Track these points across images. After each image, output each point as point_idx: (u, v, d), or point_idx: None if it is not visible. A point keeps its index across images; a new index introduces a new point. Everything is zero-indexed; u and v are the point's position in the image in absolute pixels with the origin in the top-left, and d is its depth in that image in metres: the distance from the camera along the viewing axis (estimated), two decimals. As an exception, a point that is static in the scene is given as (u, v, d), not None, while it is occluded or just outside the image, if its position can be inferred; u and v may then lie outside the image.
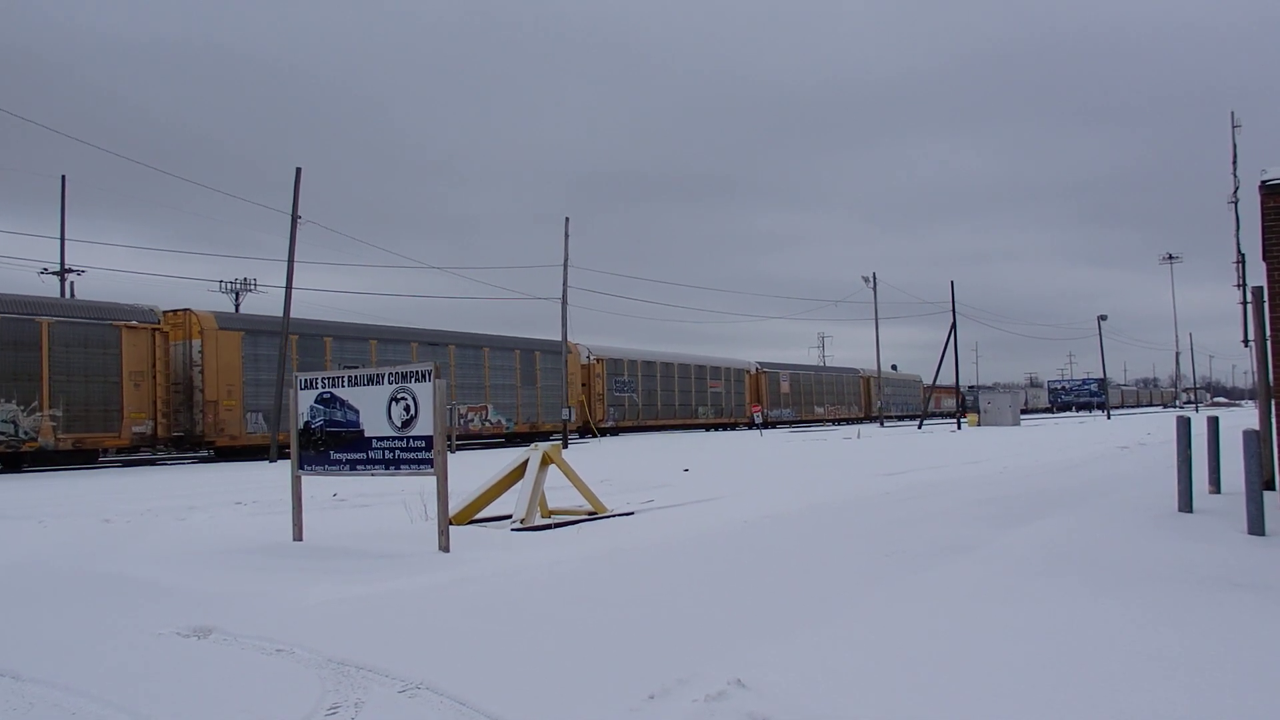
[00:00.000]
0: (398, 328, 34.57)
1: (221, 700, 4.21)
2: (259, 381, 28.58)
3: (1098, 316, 72.45)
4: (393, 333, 33.83)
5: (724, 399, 56.28)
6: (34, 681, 4.55)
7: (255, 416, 28.47)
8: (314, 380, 9.36)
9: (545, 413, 39.52)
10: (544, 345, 40.28)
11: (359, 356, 31.32)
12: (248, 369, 28.42)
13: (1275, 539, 7.98)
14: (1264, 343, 10.92)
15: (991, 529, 8.96)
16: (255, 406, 28.54)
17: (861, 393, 74.25)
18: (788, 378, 63.71)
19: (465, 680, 4.35)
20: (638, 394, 48.01)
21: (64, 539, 9.70)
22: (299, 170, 28.54)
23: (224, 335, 27.99)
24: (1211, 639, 4.82)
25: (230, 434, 27.86)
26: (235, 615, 5.86)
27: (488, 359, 36.92)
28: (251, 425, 28.46)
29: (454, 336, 36.17)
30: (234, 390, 27.94)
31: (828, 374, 71.55)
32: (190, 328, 27.45)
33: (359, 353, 31.54)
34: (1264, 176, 10.04)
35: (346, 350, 31.35)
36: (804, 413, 64.62)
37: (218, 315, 28.66)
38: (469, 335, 37.04)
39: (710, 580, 6.79)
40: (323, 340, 30.76)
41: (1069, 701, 3.88)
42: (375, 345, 32.06)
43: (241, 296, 54.53)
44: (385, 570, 7.36)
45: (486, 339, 37.77)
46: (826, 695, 4.03)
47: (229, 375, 27.82)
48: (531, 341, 39.93)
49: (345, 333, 31.96)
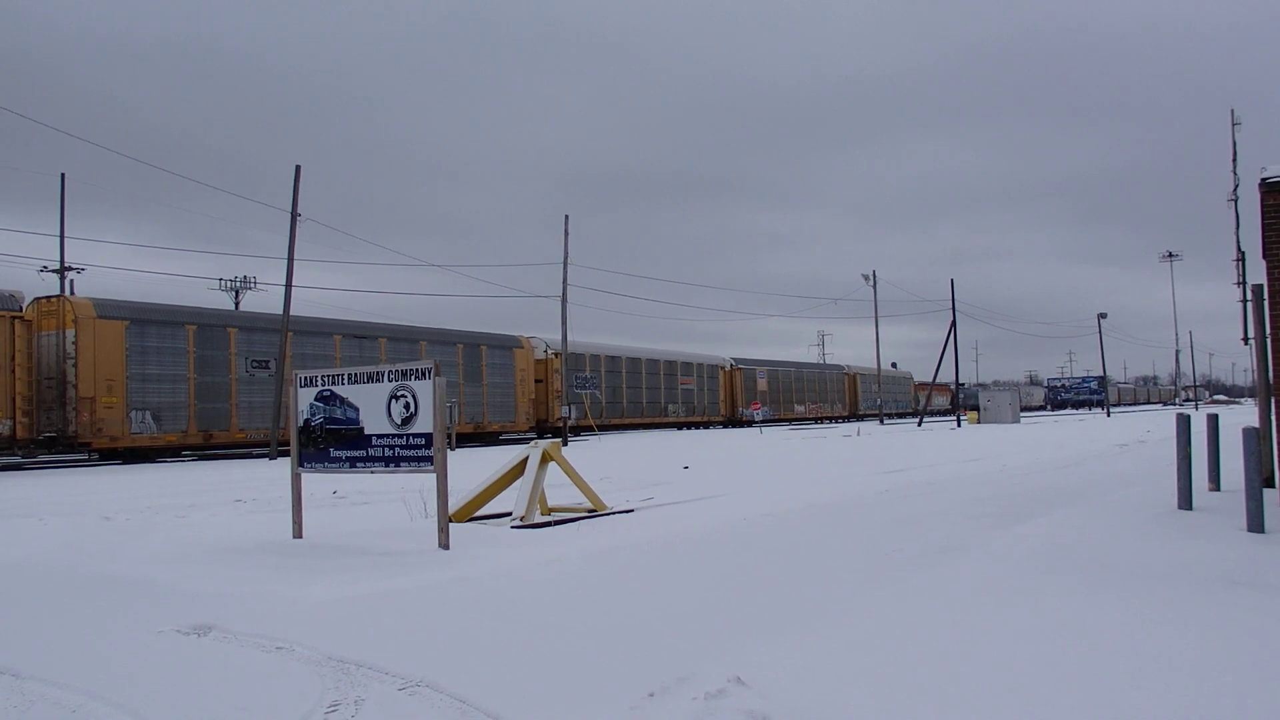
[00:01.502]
0: (316, 319, 32.39)
1: (221, 698, 4.21)
2: (148, 377, 25.92)
3: (1097, 314, 72.60)
4: (311, 324, 31.51)
5: (696, 396, 53.55)
6: (33, 679, 4.55)
7: (142, 415, 25.70)
8: (314, 378, 9.37)
9: (492, 411, 37.17)
10: (491, 339, 38.25)
11: (269, 349, 29.02)
12: (133, 362, 25.61)
13: (1275, 536, 7.98)
14: (1264, 340, 10.92)
15: (991, 527, 8.96)
16: (143, 404, 25.75)
17: (846, 390, 72.03)
18: (765, 374, 60.94)
19: (465, 678, 4.35)
20: (601, 391, 44.90)
21: (64, 537, 9.71)
22: (298, 168, 28.54)
23: (103, 325, 25.03)
24: (1211, 637, 4.82)
25: (110, 434, 24.98)
26: (235, 613, 5.86)
27: (424, 353, 34.24)
28: (137, 425, 25.61)
29: (384, 329, 34.05)
30: (115, 386, 25.07)
31: (809, 371, 68.46)
32: (64, 316, 24.56)
33: (269, 345, 29.11)
34: (1264, 174, 10.02)
35: (254, 343, 28.96)
36: (783, 411, 61.47)
37: (97, 302, 25.54)
38: (403, 328, 35.03)
39: (710, 578, 6.79)
40: (227, 331, 28.30)
41: (1068, 700, 3.88)
42: (291, 338, 29.39)
43: (242, 294, 54.58)
44: (385, 568, 7.36)
45: (423, 331, 35.59)
46: (825, 694, 4.03)
47: (109, 369, 24.98)
48: (477, 335, 37.74)
49: (255, 324, 29.62)
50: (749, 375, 59.15)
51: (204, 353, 27.67)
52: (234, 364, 28.43)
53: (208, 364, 27.74)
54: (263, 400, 28.84)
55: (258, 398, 28.88)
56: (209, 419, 27.64)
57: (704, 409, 54.22)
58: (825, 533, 9.00)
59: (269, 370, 28.94)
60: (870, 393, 72.67)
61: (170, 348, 26.69)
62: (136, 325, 25.94)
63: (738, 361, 58.72)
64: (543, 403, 41.25)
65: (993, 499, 11.59)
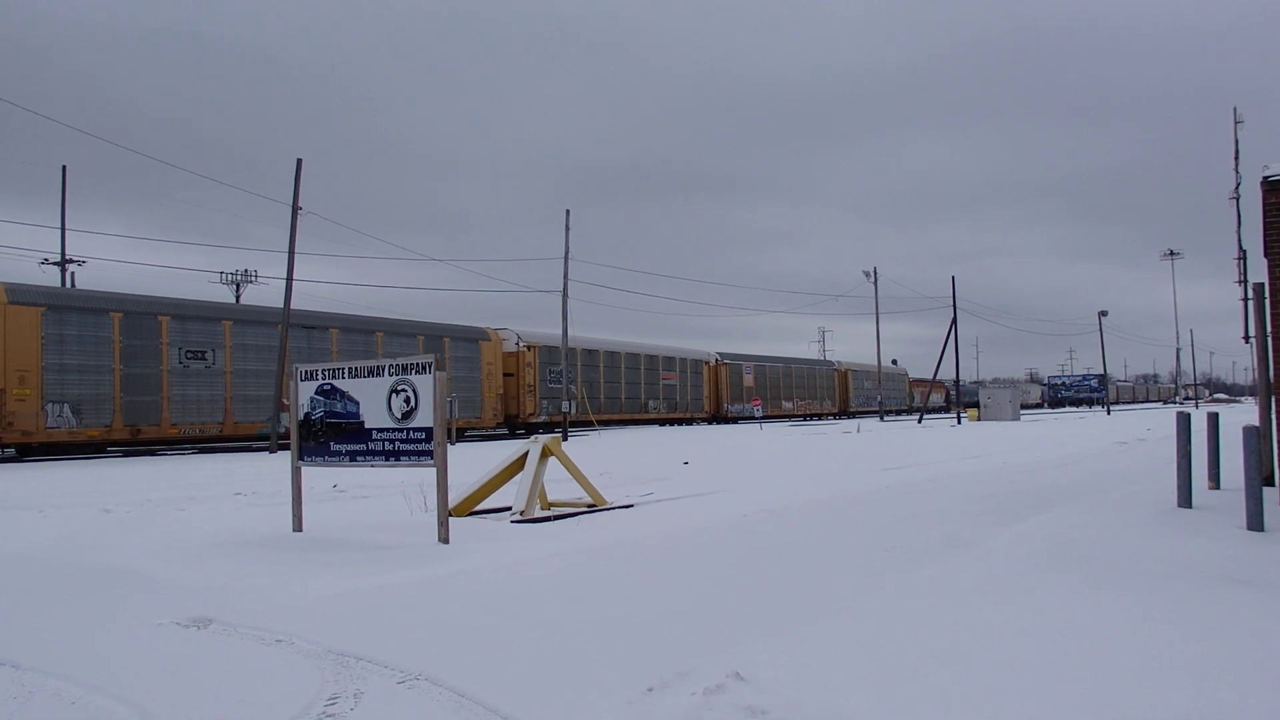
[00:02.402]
0: (261, 308, 30.76)
1: (220, 690, 4.22)
2: (66, 367, 24.28)
3: (1098, 312, 72.60)
4: (255, 314, 29.84)
5: (679, 392, 51.19)
6: (33, 671, 4.55)
7: (60, 408, 24.07)
8: (314, 371, 9.37)
9: (456, 406, 34.80)
10: (455, 331, 36.36)
11: (206, 339, 27.61)
12: (50, 352, 23.96)
13: (1274, 535, 7.98)
14: (1265, 339, 10.91)
15: (991, 524, 8.96)
16: (60, 397, 24.07)
17: (836, 387, 69.73)
18: (751, 369, 58.43)
19: (464, 672, 4.35)
20: (577, 385, 42.13)
21: (64, 529, 9.72)
22: (299, 162, 28.50)
23: (15, 311, 23.37)
24: (1212, 635, 4.81)
25: (22, 429, 23.41)
26: (234, 606, 5.86)
27: (380, 345, 32.72)
28: (54, 419, 23.97)
29: (337, 319, 32.47)
30: (28, 377, 23.45)
31: (798, 366, 65.63)
32: None
33: (206, 335, 27.67)
34: (1266, 172, 10.01)
35: (189, 332, 27.24)
36: (770, 408, 58.40)
37: (9, 287, 23.86)
38: (358, 318, 33.71)
39: (709, 574, 6.79)
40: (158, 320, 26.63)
41: (1068, 697, 3.88)
42: (229, 327, 28.25)
43: (242, 288, 54.57)
44: (385, 562, 7.37)
45: (381, 322, 34.03)
46: (824, 689, 4.03)
47: (22, 359, 23.34)
48: (439, 327, 35.94)
49: (189, 312, 27.72)
50: (735, 370, 56.90)
51: (131, 342, 25.84)
52: (165, 354, 26.66)
53: (135, 354, 25.98)
54: (199, 394, 27.33)
55: (193, 391, 27.19)
56: (136, 413, 25.86)
57: (687, 405, 52.02)
58: (825, 529, 9.00)
59: (205, 361, 27.49)
60: (863, 389, 71.34)
61: (93, 336, 24.93)
62: (54, 312, 24.27)
63: (723, 356, 56.37)
64: (513, 398, 38.99)
65: (993, 496, 11.59)
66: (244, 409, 28.58)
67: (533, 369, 39.48)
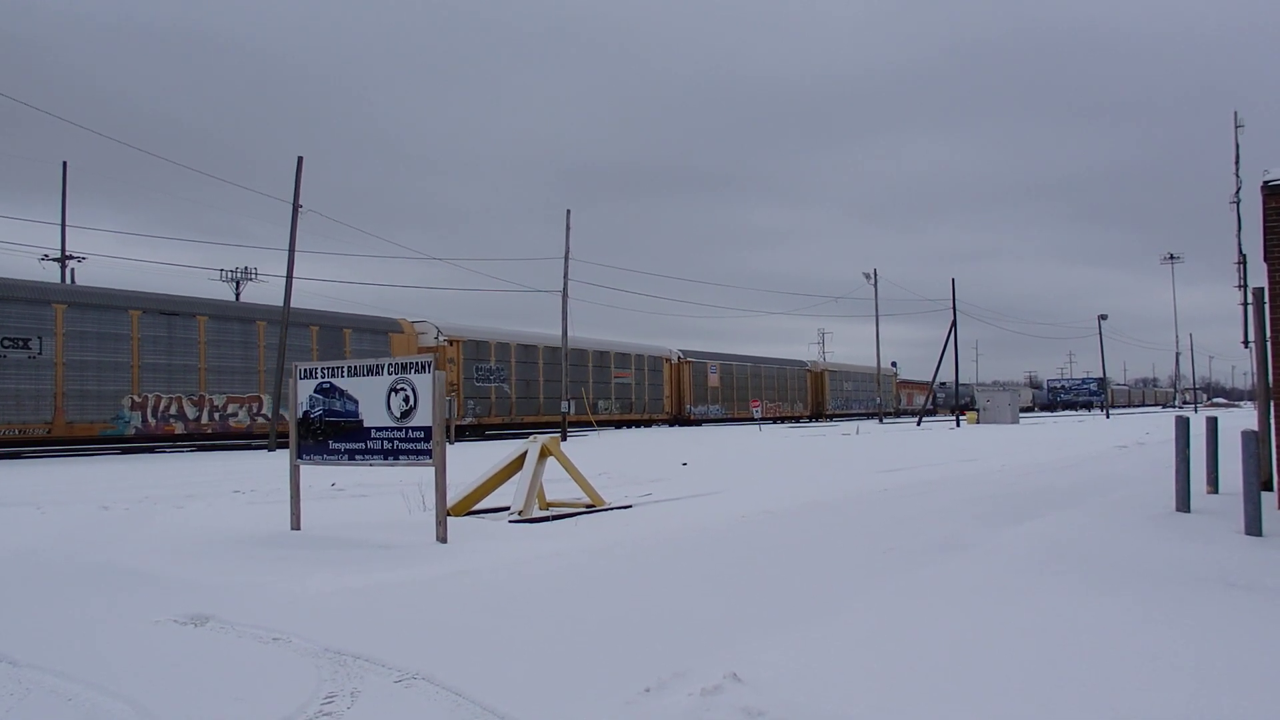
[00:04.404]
0: (108, 290, 26.57)
1: (217, 687, 4.21)
2: None
3: (1098, 316, 72.59)
4: (102, 296, 25.85)
5: (634, 391, 47.16)
6: (30, 667, 4.54)
7: None
8: (313, 370, 9.37)
9: None
10: (359, 322, 33.16)
11: (28, 324, 23.97)
12: None
13: (1272, 539, 7.98)
14: (1264, 344, 10.91)
15: (989, 527, 8.97)
16: None
17: (809, 388, 66.49)
18: (717, 369, 55.08)
19: (461, 671, 4.35)
20: (509, 384, 38.35)
21: (63, 527, 9.71)
22: (300, 159, 28.50)
23: None
24: (1211, 638, 4.82)
25: None
26: (232, 604, 5.86)
27: (263, 335, 29.16)
28: None
29: (207, 305, 28.85)
30: None
31: (767, 366, 61.87)
32: None
33: (28, 318, 24.07)
34: (1266, 177, 10.01)
35: (5, 315, 23.49)
36: (735, 410, 55.78)
37: None
38: (234, 305, 30.87)
39: (707, 575, 6.79)
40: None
41: (1067, 698, 3.88)
42: (63, 311, 24.80)
43: (242, 285, 54.55)
44: (383, 560, 7.36)
45: (263, 310, 30.38)
46: (821, 690, 4.03)
47: None
48: (339, 317, 32.73)
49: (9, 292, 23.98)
50: (699, 369, 53.31)
51: None
52: None
53: None
54: (17, 387, 23.54)
55: (10, 384, 23.38)
56: None
57: (644, 405, 47.92)
58: (824, 530, 9.00)
59: (28, 351, 23.75)
60: (841, 391, 68.31)
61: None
62: None
63: (686, 354, 52.72)
64: (436, 398, 36.07)
65: (992, 498, 11.60)
66: (80, 406, 24.70)
67: (457, 366, 35.45)
